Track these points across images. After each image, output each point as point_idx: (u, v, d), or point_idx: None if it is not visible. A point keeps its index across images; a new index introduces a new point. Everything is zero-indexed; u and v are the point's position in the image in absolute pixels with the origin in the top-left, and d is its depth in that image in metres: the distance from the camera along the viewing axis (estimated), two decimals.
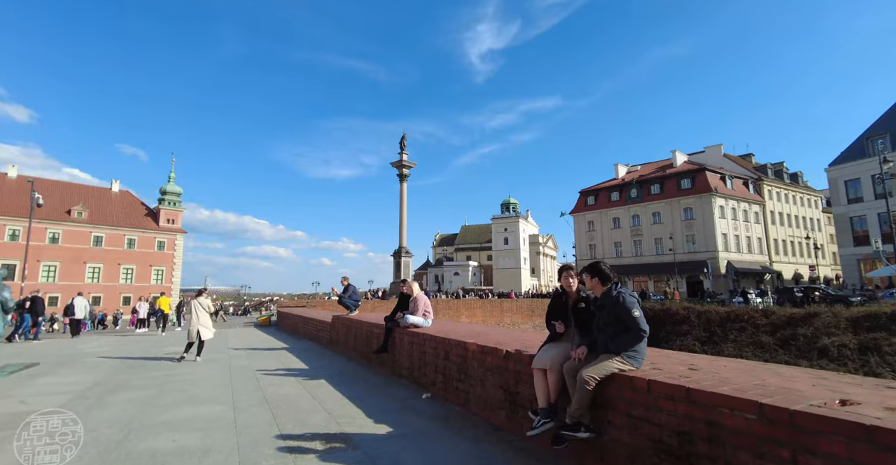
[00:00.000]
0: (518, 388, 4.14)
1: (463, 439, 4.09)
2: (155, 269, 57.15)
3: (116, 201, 58.56)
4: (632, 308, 3.16)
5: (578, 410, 3.17)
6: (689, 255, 46.90)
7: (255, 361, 9.35)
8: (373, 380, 7.02)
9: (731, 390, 2.47)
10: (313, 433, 4.25)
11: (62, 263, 50.31)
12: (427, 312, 6.98)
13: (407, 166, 28.51)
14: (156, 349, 11.69)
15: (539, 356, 3.63)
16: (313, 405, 5.35)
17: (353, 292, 11.65)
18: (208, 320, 9.43)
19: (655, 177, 52.85)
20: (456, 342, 5.24)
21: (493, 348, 4.54)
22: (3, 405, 5.59)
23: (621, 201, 54.37)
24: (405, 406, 5.27)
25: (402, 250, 27.97)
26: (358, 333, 9.32)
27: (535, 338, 5.21)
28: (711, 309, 24.66)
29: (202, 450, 3.76)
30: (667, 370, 3.15)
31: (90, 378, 7.42)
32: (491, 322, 27.24)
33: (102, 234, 53.78)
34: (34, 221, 35.30)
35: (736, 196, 48.19)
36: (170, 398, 5.85)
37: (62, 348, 12.66)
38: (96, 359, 9.91)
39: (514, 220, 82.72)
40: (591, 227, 57.32)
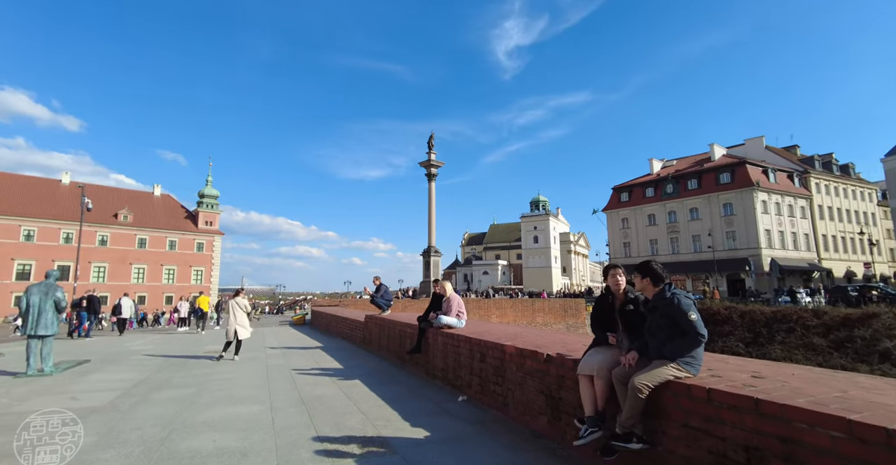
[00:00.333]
0: (561, 394, 3.95)
1: (503, 445, 3.93)
2: (195, 269, 59.51)
3: (158, 205, 61.30)
4: (688, 311, 2.93)
5: (630, 419, 2.96)
6: (729, 252, 44.95)
7: (290, 360, 9.47)
8: (406, 381, 6.95)
9: (809, 403, 2.22)
10: (350, 435, 4.19)
11: (110, 264, 53.12)
12: (461, 312, 6.86)
13: (435, 166, 28.49)
14: (196, 348, 12.06)
15: (585, 361, 3.43)
16: (349, 407, 5.31)
17: (385, 292, 11.66)
18: (245, 319, 9.61)
19: (692, 171, 50.94)
20: (492, 344, 5.09)
21: (533, 351, 4.36)
22: (56, 401, 5.82)
23: (657, 197, 52.68)
24: (441, 409, 5.16)
25: (431, 249, 27.98)
26: (391, 332, 9.29)
27: (576, 341, 4.99)
28: (756, 309, 23.44)
29: (241, 452, 3.76)
30: (727, 378, 2.90)
31: (136, 376, 7.67)
32: (522, 322, 26.86)
33: (146, 236, 56.44)
34: (85, 225, 37.33)
35: (780, 190, 45.85)
36: (209, 396, 5.95)
37: (110, 345, 13.24)
38: (141, 357, 10.28)
39: (543, 218, 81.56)
40: (625, 224, 55.80)
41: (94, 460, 3.63)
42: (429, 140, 28.63)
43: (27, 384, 6.97)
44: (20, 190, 51.53)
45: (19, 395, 6.19)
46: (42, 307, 7.87)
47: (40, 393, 6.32)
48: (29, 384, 6.97)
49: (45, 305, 7.90)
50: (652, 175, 56.13)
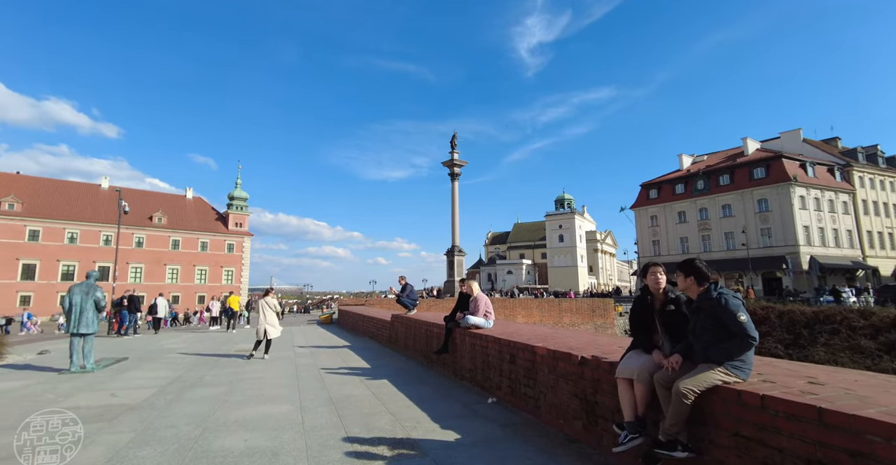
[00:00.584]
0: (596, 398, 3.80)
1: (536, 450, 3.81)
2: (225, 269, 61.25)
3: (190, 207, 63.36)
4: (737, 312, 2.75)
5: (674, 426, 2.80)
6: (764, 250, 43.19)
7: (318, 359, 9.55)
8: (434, 381, 6.89)
9: (881, 413, 2.02)
10: (379, 437, 4.15)
11: (146, 264, 55.26)
12: (488, 312, 6.74)
13: (458, 165, 28.40)
14: (227, 347, 12.33)
15: (624, 364, 3.27)
16: (377, 407, 5.28)
17: (411, 291, 11.65)
18: (275, 318, 9.75)
19: (724, 167, 49.15)
20: (523, 346, 4.96)
21: (566, 353, 4.21)
22: (97, 397, 6.01)
23: (687, 194, 51.09)
24: (470, 411, 5.06)
25: (454, 248, 27.91)
26: (417, 332, 9.25)
27: (610, 342, 4.81)
28: (795, 309, 22.36)
29: (272, 452, 3.76)
30: (781, 384, 2.70)
31: (170, 374, 7.87)
32: (549, 323, 26.48)
33: (179, 238, 58.45)
34: (122, 227, 38.86)
35: (819, 185, 43.75)
36: (241, 395, 6.03)
37: (147, 343, 13.69)
38: (175, 355, 10.57)
39: (569, 216, 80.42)
40: (654, 222, 54.35)
41: (131, 456, 3.70)
42: (451, 139, 28.56)
43: (71, 381, 7.24)
44: (64, 195, 54.23)
45: (64, 391, 6.43)
46: (83, 307, 8.17)
47: (83, 389, 6.55)
48: (72, 381, 7.24)
49: (86, 304, 8.20)
50: (681, 171, 54.46)
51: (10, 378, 7.60)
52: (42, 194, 52.61)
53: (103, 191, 57.59)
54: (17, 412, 5.17)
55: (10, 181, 51.86)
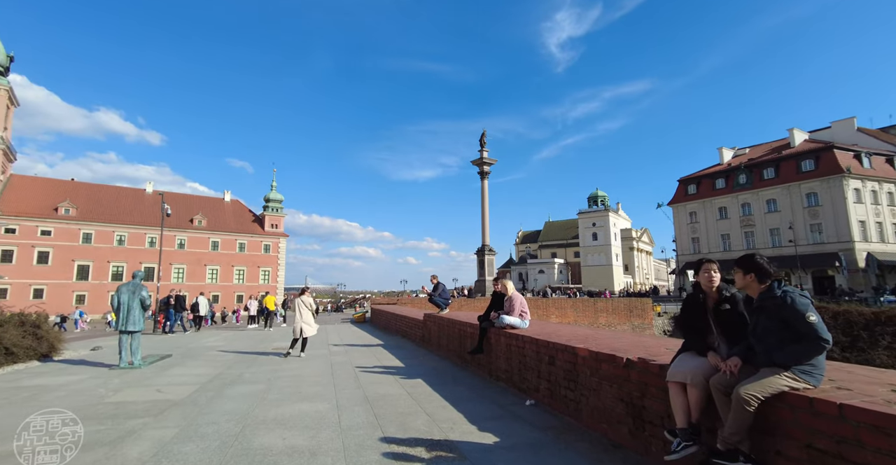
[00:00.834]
0: (644, 402, 3.59)
1: (580, 455, 3.64)
2: (262, 269, 63.17)
3: (228, 210, 65.69)
4: (806, 312, 2.51)
5: (735, 435, 2.58)
6: (814, 247, 40.83)
7: (353, 357, 9.62)
8: (468, 381, 6.78)
9: None
10: (416, 438, 4.08)
11: (188, 265, 57.70)
12: (524, 312, 6.57)
13: (487, 163, 28.15)
14: (264, 345, 12.63)
15: (676, 367, 3.06)
16: (413, 407, 5.22)
17: (444, 291, 11.57)
18: (311, 317, 9.88)
19: (769, 160, 46.75)
20: (562, 347, 4.78)
21: (610, 354, 4.01)
22: (144, 393, 6.23)
23: (728, 189, 48.92)
24: (508, 413, 4.93)
25: (485, 247, 27.69)
26: (450, 332, 9.17)
27: (657, 344, 4.57)
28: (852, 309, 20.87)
29: (310, 451, 3.75)
30: (860, 391, 2.45)
31: (211, 371, 8.09)
32: (583, 323, 25.88)
33: (218, 239, 60.72)
34: (165, 230, 40.67)
35: (877, 176, 40.96)
36: (279, 393, 6.10)
37: (189, 341, 14.21)
38: (215, 352, 10.90)
39: (602, 213, 78.55)
40: (694, 218, 52.34)
41: (176, 452, 3.78)
42: (481, 138, 28.33)
43: (120, 376, 7.55)
44: (113, 200, 57.40)
45: (114, 386, 6.71)
46: (130, 305, 8.51)
47: (131, 385, 6.81)
48: (122, 376, 7.55)
49: (133, 303, 8.54)
50: (722, 165, 52.19)
51: (67, 373, 8.01)
52: (94, 199, 55.84)
53: (148, 195, 60.54)
54: (75, 407, 5.42)
55: (66, 188, 55.37)
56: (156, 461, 3.59)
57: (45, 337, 9.67)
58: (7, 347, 8.35)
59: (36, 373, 8.06)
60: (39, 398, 5.99)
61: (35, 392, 6.34)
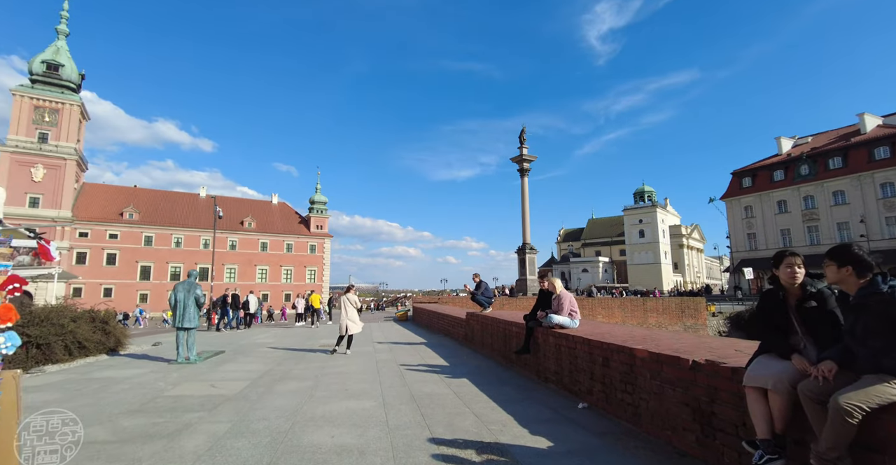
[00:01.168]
0: (713, 408, 3.28)
1: (641, 463, 3.38)
2: (308, 269, 65.27)
3: (276, 212, 68.31)
4: None
5: (833, 450, 2.27)
6: (891, 241, 37.34)
7: (397, 355, 9.63)
8: (515, 382, 6.58)
9: None
10: (465, 439, 3.94)
11: (239, 265, 60.52)
12: (573, 311, 6.29)
13: (527, 160, 27.65)
14: (311, 342, 12.91)
15: (755, 371, 2.76)
16: (460, 407, 5.09)
17: (486, 289, 11.38)
18: (356, 315, 9.98)
19: (835, 148, 43.23)
20: (617, 347, 4.50)
21: (672, 356, 3.72)
22: (200, 387, 6.46)
23: (788, 181, 45.68)
24: (560, 416, 4.70)
25: (526, 246, 27.21)
26: (494, 331, 8.98)
27: (724, 345, 4.20)
28: None
29: (359, 450, 3.70)
30: None
31: (261, 367, 8.32)
32: (632, 323, 24.89)
33: (267, 240, 63.28)
34: (218, 232, 42.75)
35: None
36: (326, 390, 6.15)
37: (241, 338, 14.78)
38: (265, 349, 11.24)
39: (650, 210, 75.46)
40: (749, 212, 49.26)
41: (228, 447, 3.84)
42: (520, 134, 27.87)
43: (178, 371, 7.90)
44: (171, 204, 61.15)
45: (172, 380, 7.01)
46: (186, 303, 8.91)
47: (188, 379, 7.09)
48: (179, 371, 7.90)
49: (188, 301, 8.94)
50: (781, 156, 48.79)
51: (131, 366, 8.49)
52: (154, 205, 59.72)
53: (201, 200, 64.02)
54: (138, 399, 5.69)
55: (129, 194, 59.57)
56: (210, 455, 3.65)
57: (112, 332, 10.31)
58: (80, 341, 8.93)
59: (105, 366, 8.59)
60: (108, 389, 6.34)
61: (104, 384, 6.73)
